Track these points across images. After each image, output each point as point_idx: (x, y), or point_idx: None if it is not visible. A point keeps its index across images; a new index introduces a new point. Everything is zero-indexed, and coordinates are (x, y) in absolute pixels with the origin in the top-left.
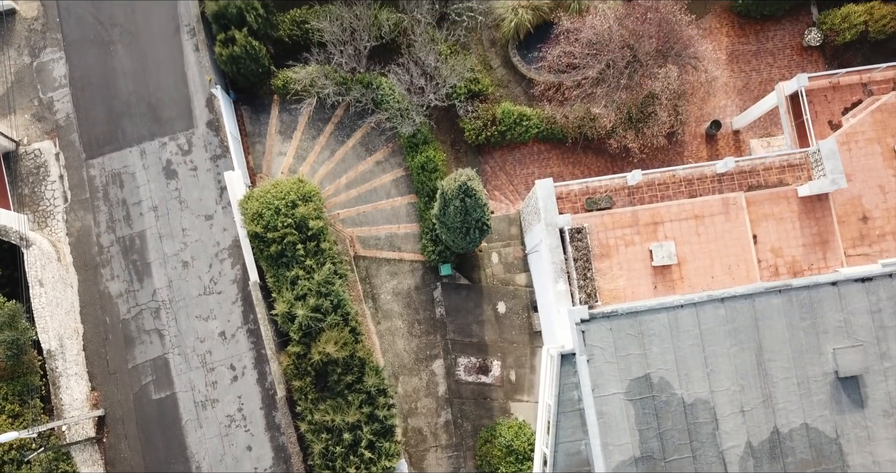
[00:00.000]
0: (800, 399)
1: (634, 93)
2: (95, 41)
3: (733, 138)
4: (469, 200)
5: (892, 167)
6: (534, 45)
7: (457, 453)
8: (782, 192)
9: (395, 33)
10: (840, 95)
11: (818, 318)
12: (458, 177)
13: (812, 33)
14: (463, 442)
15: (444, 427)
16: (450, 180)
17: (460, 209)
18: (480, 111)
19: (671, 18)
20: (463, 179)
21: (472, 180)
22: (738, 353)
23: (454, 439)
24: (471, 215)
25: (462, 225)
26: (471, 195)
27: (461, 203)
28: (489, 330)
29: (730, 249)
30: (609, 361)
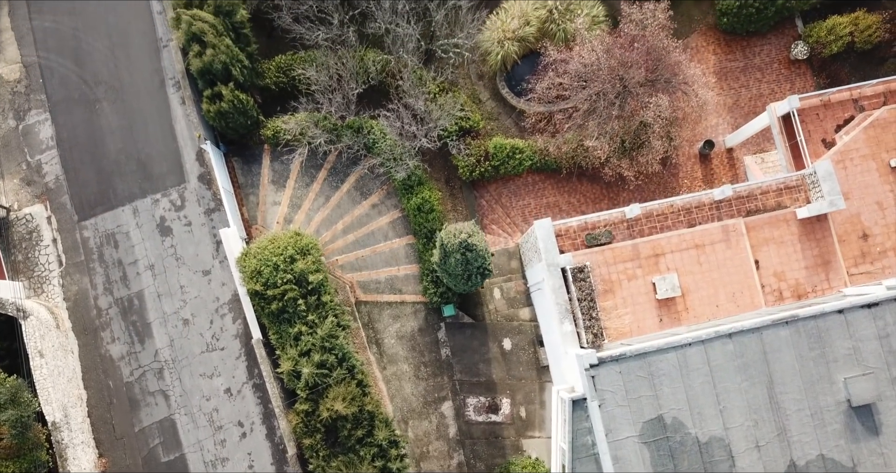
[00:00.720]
0: (814, 430)
1: (626, 123)
2: (80, 100)
3: (727, 156)
4: (470, 254)
5: (888, 183)
6: (522, 76)
7: None
8: (781, 215)
9: (383, 75)
10: (832, 113)
11: (827, 347)
12: (457, 234)
13: (799, 47)
14: None
15: (458, 469)
16: (450, 234)
17: (461, 261)
18: (472, 148)
19: (658, 45)
20: (463, 237)
21: (473, 236)
22: (749, 388)
23: None
24: (472, 265)
25: (464, 272)
26: (471, 249)
27: (462, 256)
28: (496, 367)
29: (733, 276)
30: (621, 404)
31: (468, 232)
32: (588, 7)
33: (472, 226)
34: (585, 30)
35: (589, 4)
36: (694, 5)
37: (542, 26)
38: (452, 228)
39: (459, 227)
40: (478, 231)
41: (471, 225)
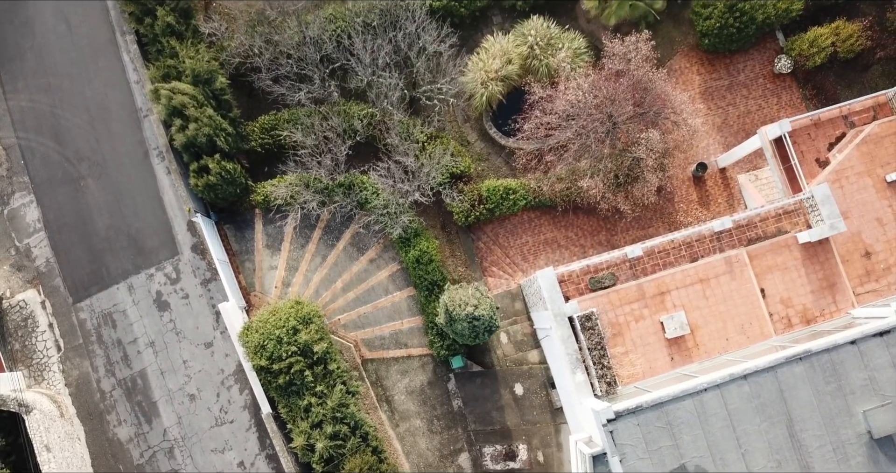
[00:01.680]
0: (838, 465)
1: (618, 159)
2: (65, 179)
3: (720, 176)
4: (477, 322)
5: (885, 198)
6: (509, 114)
7: None
8: (783, 241)
9: (370, 130)
10: (823, 131)
11: (843, 380)
12: (463, 305)
13: (782, 61)
14: None
15: None
16: (455, 304)
17: (468, 327)
18: (466, 193)
19: (644, 78)
20: (469, 310)
21: (479, 305)
22: (769, 428)
23: None
24: (479, 328)
25: (471, 334)
26: (478, 319)
27: (469, 324)
28: (510, 414)
29: (740, 308)
30: (642, 457)
31: (474, 303)
32: (568, 40)
33: (478, 294)
34: (568, 63)
35: (569, 37)
36: (674, 27)
37: (525, 63)
38: (458, 298)
39: (465, 298)
40: (483, 293)
41: (476, 292)
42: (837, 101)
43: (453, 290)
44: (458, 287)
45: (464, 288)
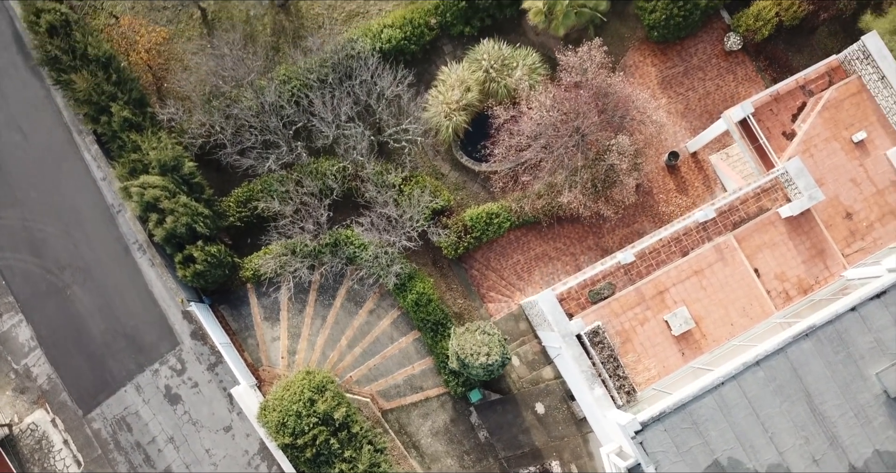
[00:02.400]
0: (862, 429)
1: (593, 168)
2: (50, 291)
3: (693, 161)
4: (492, 367)
5: (855, 158)
6: (478, 139)
7: None
8: (766, 219)
9: (346, 183)
10: (784, 104)
11: (851, 347)
12: (477, 355)
13: (731, 39)
14: None
15: None
16: (467, 353)
17: (483, 371)
18: (451, 226)
19: (603, 85)
20: (483, 360)
21: (492, 352)
22: (790, 408)
23: None
24: (493, 368)
25: (486, 373)
26: (493, 364)
27: (483, 369)
28: (536, 434)
29: (738, 292)
30: (675, 461)
31: (486, 351)
32: (522, 57)
33: (486, 338)
34: (526, 81)
35: (522, 54)
36: (621, 24)
37: (483, 87)
38: (468, 347)
39: (475, 346)
40: (490, 333)
41: (484, 336)
42: (791, 69)
43: (461, 336)
44: (464, 330)
45: (470, 331)
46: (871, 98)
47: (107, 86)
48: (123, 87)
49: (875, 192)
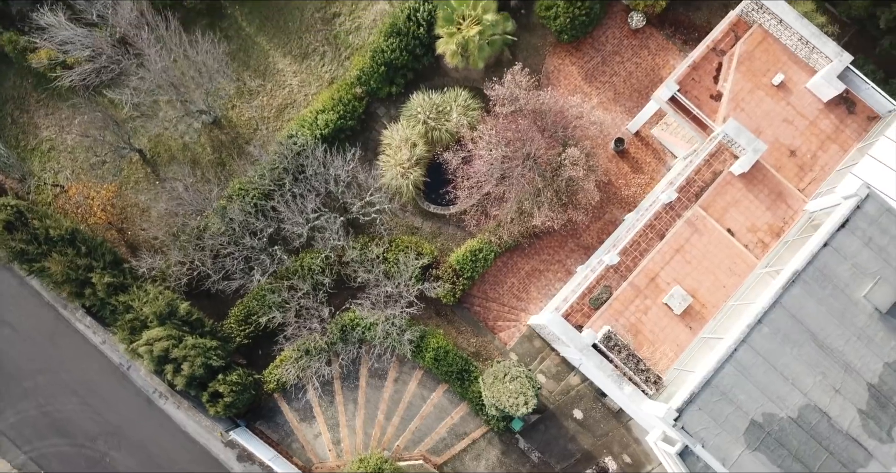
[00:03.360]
0: (867, 348)
1: (554, 185)
2: (90, 464)
3: (638, 140)
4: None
5: (781, 99)
6: (438, 184)
7: None
8: (723, 181)
9: (333, 273)
10: (703, 70)
11: (835, 279)
12: (517, 406)
13: (634, 18)
14: None
15: None
16: (504, 405)
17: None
18: (442, 276)
19: (537, 106)
20: (523, 411)
21: (528, 400)
22: (800, 351)
23: None
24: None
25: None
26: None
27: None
28: (582, 438)
29: (720, 256)
30: (717, 433)
31: (523, 400)
32: (453, 100)
33: (518, 385)
34: (465, 120)
35: (452, 97)
36: (531, 36)
37: (428, 138)
38: (504, 399)
39: (511, 397)
40: (520, 374)
41: (517, 385)
42: (696, 27)
43: (491, 387)
44: (492, 379)
45: (499, 380)
46: (777, 41)
47: (80, 261)
48: (96, 255)
49: (808, 124)
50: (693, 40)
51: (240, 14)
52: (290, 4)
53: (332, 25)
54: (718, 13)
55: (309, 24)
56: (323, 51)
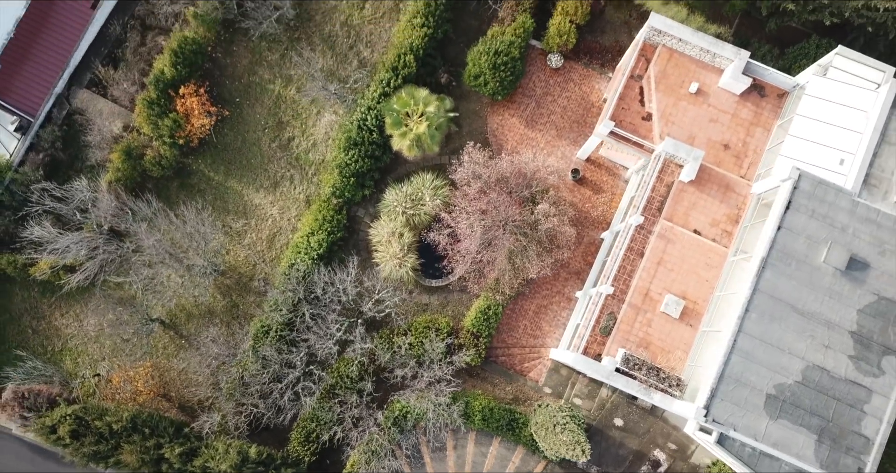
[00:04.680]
0: (839, 303)
1: (537, 238)
2: None
3: (590, 164)
4: None
5: (701, 104)
6: (432, 258)
7: None
8: (677, 190)
9: (371, 375)
10: (628, 97)
11: (795, 254)
12: (578, 455)
13: (552, 59)
14: None
15: None
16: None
17: None
18: (464, 343)
19: (500, 176)
20: (585, 459)
21: (585, 449)
22: (787, 324)
23: None
24: None
25: None
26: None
27: None
28: (629, 441)
29: (695, 255)
30: (742, 414)
31: (580, 449)
32: (422, 185)
33: (573, 431)
34: (438, 200)
35: (420, 182)
36: (467, 102)
37: (410, 225)
38: (563, 449)
39: (570, 449)
40: (566, 421)
41: (569, 432)
42: (607, 51)
43: (546, 440)
44: (544, 433)
45: (552, 433)
46: (683, 55)
47: (148, 442)
48: (160, 431)
49: (731, 117)
50: (609, 61)
51: (204, 166)
52: (246, 143)
53: (290, 149)
54: (621, 31)
55: (269, 154)
56: (290, 175)
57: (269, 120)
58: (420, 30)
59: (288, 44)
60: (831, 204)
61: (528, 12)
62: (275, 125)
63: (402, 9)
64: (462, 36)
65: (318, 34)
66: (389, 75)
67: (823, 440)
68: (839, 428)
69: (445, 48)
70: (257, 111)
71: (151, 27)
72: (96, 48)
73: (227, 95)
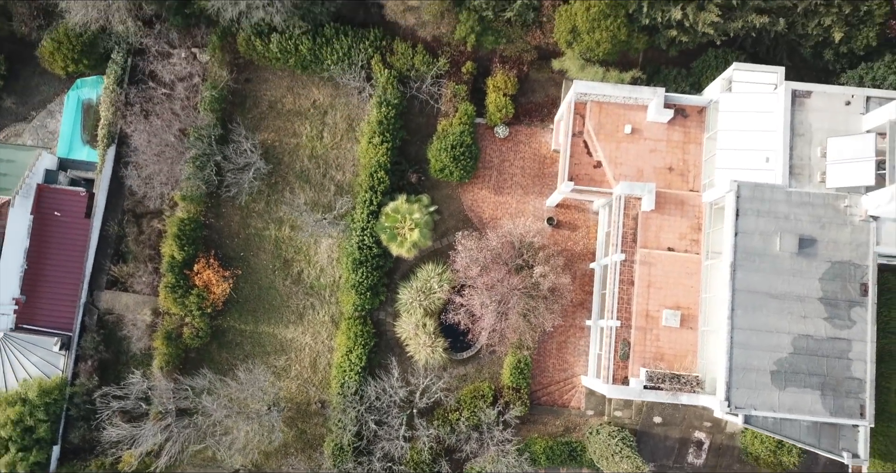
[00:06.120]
0: (803, 278)
1: (542, 296)
2: None
3: (560, 208)
4: None
5: (639, 139)
6: (455, 333)
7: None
8: (643, 220)
9: (444, 454)
10: (577, 153)
11: (756, 250)
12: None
13: (499, 130)
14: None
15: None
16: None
17: None
18: (509, 399)
19: (496, 252)
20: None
21: (642, 466)
22: (767, 309)
23: None
24: None
25: None
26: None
27: None
28: (671, 432)
29: (676, 269)
30: (757, 394)
31: (643, 469)
32: (428, 276)
33: (631, 455)
34: (445, 285)
35: (426, 274)
36: (439, 190)
37: (428, 311)
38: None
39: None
40: (621, 447)
41: (627, 458)
42: (543, 106)
43: (608, 467)
44: (604, 460)
45: (614, 461)
46: (610, 104)
47: None
48: None
49: (666, 143)
50: (546, 115)
51: (235, 322)
52: (263, 289)
53: (302, 282)
54: (548, 85)
55: (286, 292)
56: (310, 303)
57: (275, 262)
58: (381, 147)
59: (268, 191)
60: (770, 200)
61: (465, 100)
62: (282, 265)
63: (356, 128)
64: (416, 134)
65: (292, 173)
66: (369, 194)
67: (826, 393)
68: (835, 379)
69: (406, 150)
70: (263, 258)
71: (143, 215)
72: (102, 250)
73: (232, 253)
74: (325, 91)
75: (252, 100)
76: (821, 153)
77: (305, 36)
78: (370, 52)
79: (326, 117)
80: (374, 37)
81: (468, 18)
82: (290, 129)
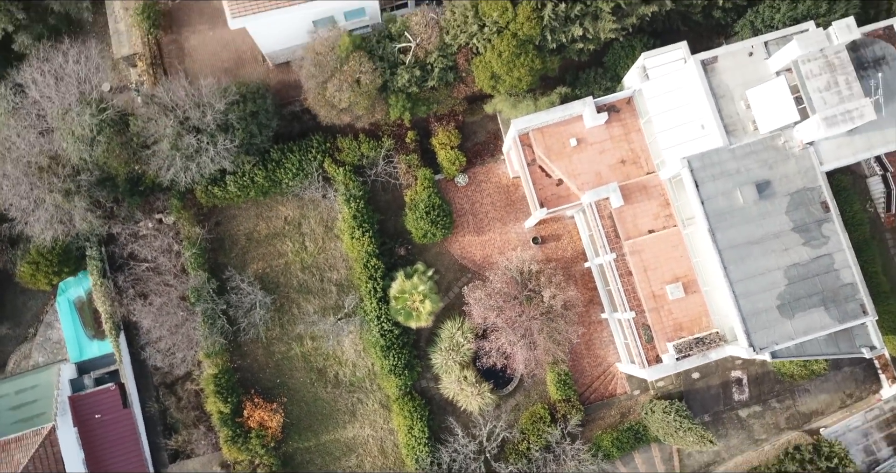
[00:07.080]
0: (772, 218)
1: (558, 316)
2: None
3: (541, 226)
4: None
5: (586, 147)
6: (493, 375)
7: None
8: (618, 215)
9: None
10: (537, 179)
11: (723, 209)
12: (708, 448)
13: (458, 179)
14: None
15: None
16: (695, 449)
17: None
18: (565, 412)
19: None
20: (716, 446)
21: (707, 437)
22: (753, 255)
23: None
24: None
25: None
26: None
27: None
28: (711, 379)
29: (663, 246)
30: (773, 329)
31: (708, 440)
32: (451, 331)
33: (690, 426)
34: (470, 336)
35: (450, 330)
36: (429, 251)
37: (463, 360)
38: (696, 446)
39: (698, 442)
40: (679, 420)
41: (688, 432)
42: (488, 143)
43: (676, 442)
44: (670, 437)
45: (677, 436)
46: (549, 126)
47: None
48: None
49: (610, 140)
50: (494, 149)
51: (297, 444)
52: (308, 403)
53: (341, 383)
54: (486, 122)
55: (331, 398)
56: (357, 398)
57: (310, 375)
58: (364, 238)
59: (279, 315)
60: (718, 162)
61: (420, 166)
62: (318, 375)
63: (332, 227)
64: (388, 211)
65: (292, 290)
66: (371, 284)
67: (829, 306)
68: (832, 291)
69: (385, 228)
70: (298, 377)
71: (174, 382)
72: (152, 430)
73: (270, 384)
74: (291, 206)
75: (229, 240)
76: (745, 105)
77: (256, 167)
78: (320, 158)
79: (302, 228)
80: (318, 143)
81: (398, 100)
82: (274, 252)
